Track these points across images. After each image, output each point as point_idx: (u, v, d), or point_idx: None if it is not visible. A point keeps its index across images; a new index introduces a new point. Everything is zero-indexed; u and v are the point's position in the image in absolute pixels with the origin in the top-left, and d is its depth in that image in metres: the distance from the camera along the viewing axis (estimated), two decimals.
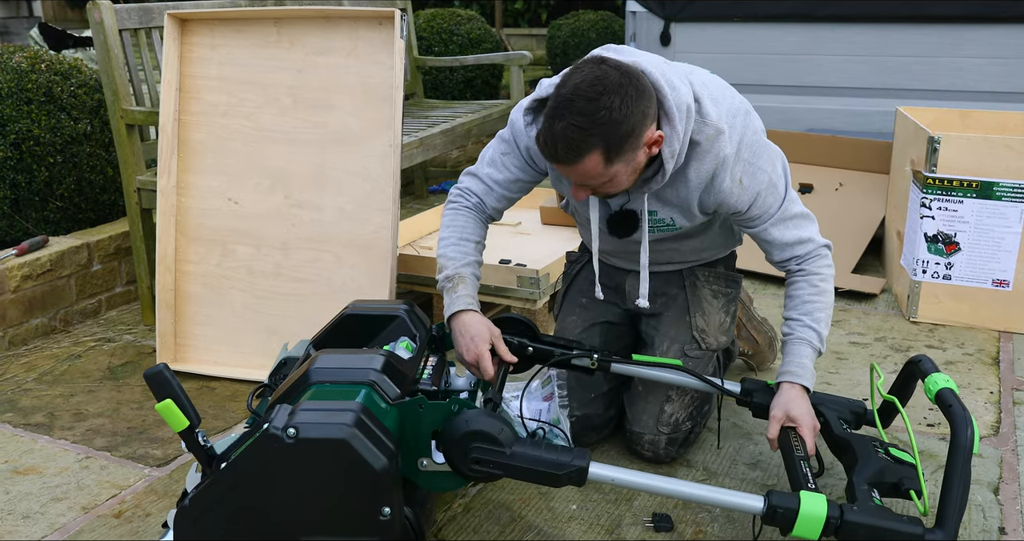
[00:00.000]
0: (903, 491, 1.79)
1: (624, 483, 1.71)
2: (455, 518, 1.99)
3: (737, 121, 1.89)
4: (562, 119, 1.69)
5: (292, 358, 1.97)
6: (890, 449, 1.88)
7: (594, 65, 1.73)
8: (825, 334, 2.00)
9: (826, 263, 2.01)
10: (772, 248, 2.01)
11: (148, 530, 1.98)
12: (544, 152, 1.76)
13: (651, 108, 1.74)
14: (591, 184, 1.80)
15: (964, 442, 1.70)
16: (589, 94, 1.67)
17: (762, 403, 2.03)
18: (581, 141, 1.69)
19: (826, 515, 1.62)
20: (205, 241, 2.74)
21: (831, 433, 1.97)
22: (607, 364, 2.08)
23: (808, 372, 1.97)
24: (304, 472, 1.54)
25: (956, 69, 4.10)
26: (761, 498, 1.66)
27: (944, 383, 1.85)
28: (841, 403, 2.06)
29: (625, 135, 1.70)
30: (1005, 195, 2.84)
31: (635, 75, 1.72)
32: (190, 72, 2.73)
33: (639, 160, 1.78)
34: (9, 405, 2.56)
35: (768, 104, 4.46)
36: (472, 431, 1.65)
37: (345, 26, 2.62)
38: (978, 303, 2.95)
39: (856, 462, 1.82)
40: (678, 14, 4.50)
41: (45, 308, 3.05)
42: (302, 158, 2.66)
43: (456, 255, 2.05)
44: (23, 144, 3.11)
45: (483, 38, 6.14)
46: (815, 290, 2.00)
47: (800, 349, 1.99)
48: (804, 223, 2.00)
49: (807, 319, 1.99)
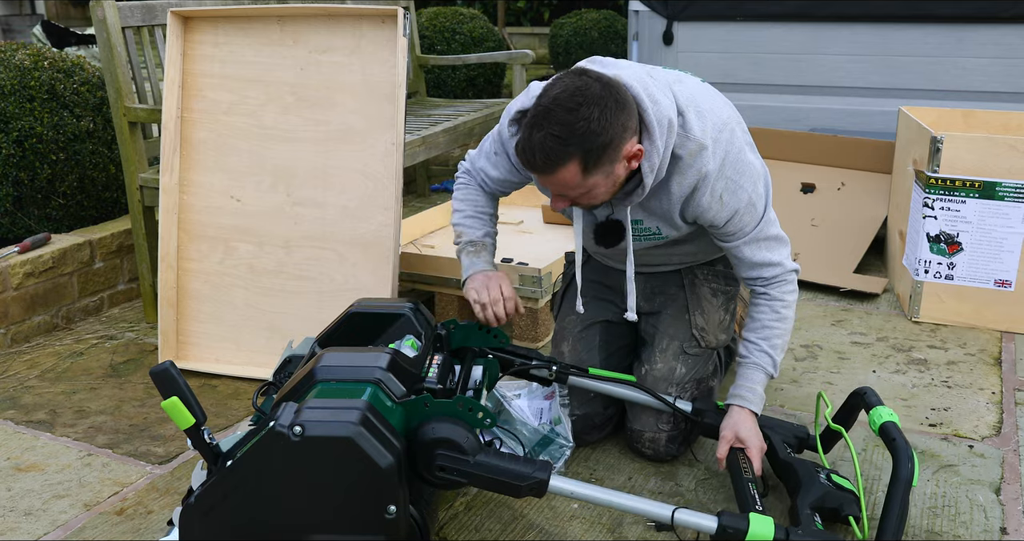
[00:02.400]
0: (843, 517, 1.86)
1: (583, 497, 1.74)
2: (457, 516, 1.99)
3: (723, 136, 1.88)
4: (541, 129, 1.70)
5: (297, 356, 1.97)
6: (831, 475, 1.94)
7: (575, 76, 1.74)
8: (779, 360, 2.05)
9: (790, 289, 2.03)
10: (741, 265, 2.03)
11: (150, 527, 1.98)
12: (522, 161, 1.77)
13: (631, 121, 1.74)
14: (569, 195, 1.82)
15: (904, 475, 1.77)
16: (568, 105, 1.68)
17: (711, 423, 2.09)
18: (559, 151, 1.70)
19: (773, 537, 1.69)
20: (207, 239, 2.74)
21: (776, 457, 2.03)
22: (564, 376, 2.12)
23: (758, 397, 2.03)
24: (310, 470, 1.54)
25: (959, 69, 4.10)
26: (715, 518, 1.72)
27: (888, 416, 1.92)
28: (786, 427, 2.11)
29: (603, 146, 1.71)
30: (1008, 195, 2.84)
31: (616, 88, 1.73)
32: (193, 70, 2.73)
33: (618, 173, 1.79)
34: (11, 402, 2.56)
35: (770, 103, 4.47)
36: (438, 438, 1.67)
37: (348, 24, 2.62)
38: (980, 303, 2.96)
39: (800, 487, 1.89)
40: (681, 13, 4.50)
41: (47, 305, 3.05)
42: (305, 156, 2.66)
43: (475, 225, 2.18)
44: (26, 141, 3.11)
45: (485, 37, 6.14)
46: (776, 316, 2.02)
47: (753, 374, 2.03)
48: (776, 246, 2.01)
49: (764, 344, 2.03)
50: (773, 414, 2.42)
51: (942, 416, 2.41)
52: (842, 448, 2.19)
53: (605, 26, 7.45)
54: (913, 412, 2.43)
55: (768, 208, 1.98)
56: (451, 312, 2.92)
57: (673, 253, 2.17)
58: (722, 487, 2.09)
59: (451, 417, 1.69)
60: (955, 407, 2.46)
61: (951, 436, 2.31)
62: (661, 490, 2.09)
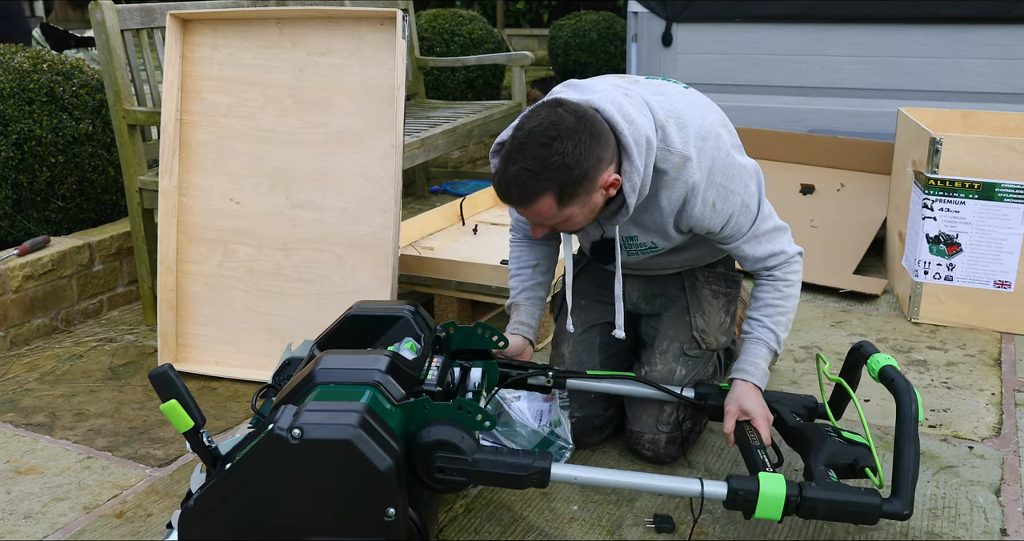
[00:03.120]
0: (858, 470, 1.85)
1: (586, 481, 1.74)
2: (456, 519, 1.99)
3: (707, 144, 1.87)
4: (515, 163, 1.73)
5: (296, 358, 1.97)
6: (843, 433, 1.94)
7: (550, 109, 1.75)
8: (783, 337, 2.04)
9: (795, 269, 2.05)
10: (745, 261, 2.05)
11: (149, 530, 1.98)
12: (499, 194, 1.80)
13: (606, 152, 1.76)
14: (546, 224, 1.84)
15: (909, 412, 1.77)
16: (542, 139, 1.70)
17: (717, 405, 2.09)
18: (533, 185, 1.72)
19: (786, 493, 1.67)
20: (207, 241, 2.74)
21: (785, 426, 2.03)
22: (563, 380, 2.12)
23: (760, 371, 2.02)
24: (309, 473, 1.54)
25: (958, 70, 4.10)
26: (724, 484, 1.71)
27: (885, 361, 1.92)
28: (792, 398, 2.12)
29: (578, 180, 1.73)
30: (1007, 196, 2.84)
31: (590, 119, 1.74)
32: (192, 72, 2.73)
33: (595, 201, 1.81)
34: (10, 405, 2.56)
35: (770, 105, 4.47)
36: (434, 441, 1.67)
37: (347, 26, 2.62)
38: (980, 304, 2.96)
39: (811, 447, 1.89)
40: (680, 14, 4.50)
41: (47, 308, 3.05)
42: (303, 158, 2.66)
43: (515, 284, 2.27)
44: (25, 144, 3.11)
45: (485, 38, 6.14)
46: (780, 295, 2.03)
47: (755, 348, 2.03)
48: (777, 236, 2.02)
49: (767, 321, 2.03)
50: None
51: (942, 417, 2.41)
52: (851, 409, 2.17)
53: (604, 27, 7.44)
54: None
55: (762, 204, 1.98)
56: (450, 314, 2.92)
57: (674, 260, 2.17)
58: None
59: (446, 420, 1.69)
60: (955, 408, 2.46)
61: (951, 437, 2.31)
62: None
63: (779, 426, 2.04)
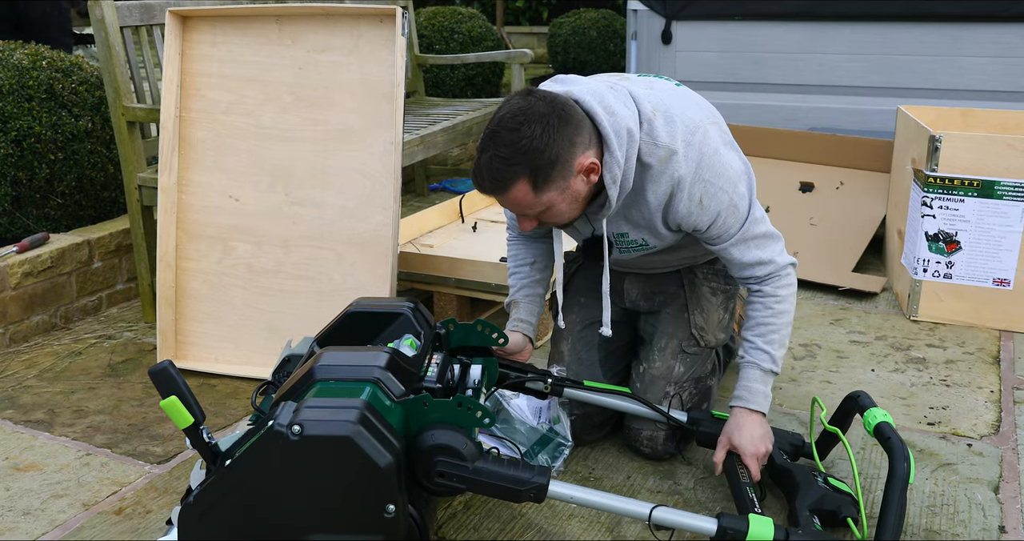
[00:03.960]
0: (841, 519, 1.87)
1: (583, 502, 1.74)
2: (455, 516, 1.99)
3: (695, 139, 1.86)
4: (487, 151, 1.74)
5: (296, 355, 1.97)
6: (828, 479, 1.95)
7: (521, 97, 1.76)
8: (779, 354, 2.01)
9: (785, 283, 2.00)
10: (732, 266, 2.01)
11: (148, 527, 1.98)
12: (476, 185, 1.80)
13: (579, 136, 1.75)
14: (529, 214, 1.84)
15: (901, 473, 1.78)
16: (511, 125, 1.71)
17: (709, 432, 2.09)
18: (505, 171, 1.73)
19: (773, 537, 1.69)
20: (206, 238, 2.74)
21: (772, 463, 2.03)
22: (560, 388, 2.12)
23: (757, 395, 2.00)
24: (308, 469, 1.54)
25: (957, 68, 4.10)
26: (714, 520, 1.72)
27: (882, 417, 1.92)
28: (781, 436, 2.12)
29: (549, 163, 1.72)
30: (1006, 194, 2.84)
31: (562, 104, 1.74)
32: (191, 69, 2.73)
33: (576, 188, 1.79)
34: (9, 402, 2.56)
35: (769, 102, 4.47)
36: (436, 445, 1.67)
37: (346, 24, 2.61)
38: (979, 302, 2.96)
39: (797, 490, 1.90)
40: (679, 12, 4.50)
41: (46, 305, 3.05)
42: (303, 155, 2.66)
43: (513, 282, 2.28)
44: (24, 141, 3.11)
45: (484, 36, 6.13)
46: (770, 312, 1.99)
47: (750, 372, 2.01)
48: (766, 243, 1.97)
49: (760, 341, 2.00)
50: (772, 414, 2.42)
51: (940, 415, 2.42)
52: (840, 450, 2.19)
53: (604, 25, 7.44)
54: (912, 411, 2.43)
55: (753, 207, 1.95)
56: (450, 311, 2.92)
57: (670, 259, 2.17)
58: (720, 486, 2.09)
59: (450, 423, 1.69)
60: (953, 406, 2.46)
61: (950, 435, 2.31)
62: (660, 489, 2.09)
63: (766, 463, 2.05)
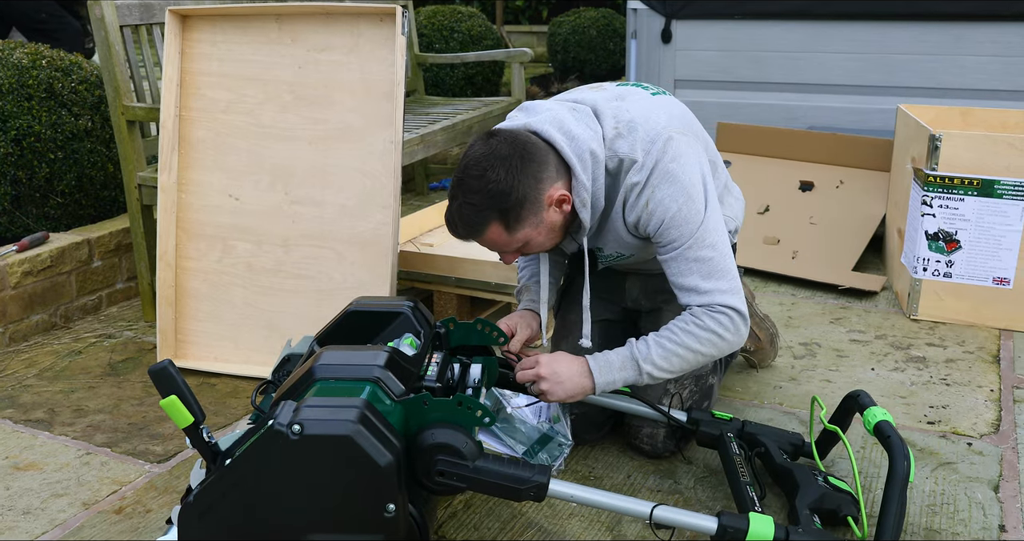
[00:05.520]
0: (841, 517, 1.88)
1: (583, 501, 1.74)
2: (456, 515, 1.99)
3: (655, 147, 1.84)
4: (456, 199, 1.79)
5: (296, 354, 1.97)
6: (828, 478, 1.95)
7: (483, 141, 1.80)
8: (656, 366, 1.87)
9: (721, 321, 1.84)
10: (673, 286, 1.90)
11: (148, 526, 1.98)
12: (450, 232, 1.84)
13: (544, 172, 1.78)
14: (509, 251, 1.87)
15: (901, 472, 1.78)
16: (474, 172, 1.76)
17: (709, 432, 2.10)
18: (475, 217, 1.78)
19: (773, 536, 1.69)
20: (206, 237, 2.74)
21: (772, 462, 2.04)
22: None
23: (609, 363, 1.89)
24: (308, 468, 1.54)
25: (957, 67, 4.10)
26: (715, 519, 1.72)
27: (882, 416, 1.92)
28: (780, 434, 2.13)
29: (517, 203, 1.76)
30: (1006, 193, 2.84)
31: (523, 143, 1.78)
32: (191, 68, 2.73)
33: (550, 220, 1.83)
34: (9, 401, 2.56)
35: (769, 101, 4.47)
36: (437, 443, 1.67)
37: (346, 23, 2.61)
38: (979, 301, 2.96)
39: (797, 489, 1.90)
40: (679, 11, 4.50)
41: (45, 304, 3.05)
42: (303, 154, 2.66)
43: (523, 274, 2.26)
44: (24, 140, 3.11)
45: (484, 35, 6.13)
46: (684, 327, 1.87)
47: (622, 349, 1.91)
48: (711, 272, 1.85)
49: (654, 337, 1.89)
50: (772, 413, 2.42)
51: (940, 414, 2.42)
52: (840, 449, 2.19)
53: (603, 24, 7.44)
54: (912, 410, 2.43)
55: (707, 229, 1.85)
56: (450, 310, 2.92)
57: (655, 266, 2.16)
58: (721, 485, 2.09)
59: (450, 422, 1.69)
60: (953, 405, 2.46)
61: (949, 434, 2.31)
62: (660, 488, 2.09)
63: (766, 462, 2.07)
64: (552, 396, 1.91)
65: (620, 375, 1.90)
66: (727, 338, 1.87)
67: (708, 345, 1.87)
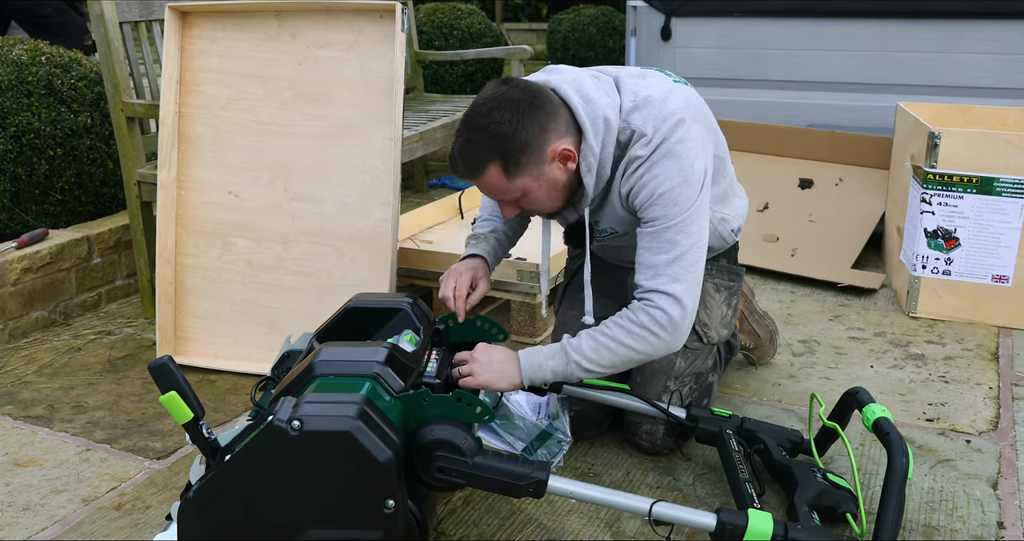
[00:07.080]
0: (840, 514, 1.88)
1: (583, 497, 1.74)
2: (455, 511, 2.00)
3: (665, 126, 1.84)
4: (460, 137, 1.80)
5: (295, 351, 1.97)
6: (827, 475, 1.96)
7: (496, 85, 1.81)
8: (588, 355, 1.84)
9: (657, 321, 1.81)
10: (636, 264, 1.88)
11: (148, 522, 1.98)
12: (452, 170, 1.85)
13: (552, 122, 1.78)
14: (507, 199, 1.87)
15: (899, 468, 1.78)
16: (482, 111, 1.77)
17: (708, 429, 2.10)
18: (475, 156, 1.78)
19: (772, 532, 1.69)
20: (205, 234, 2.74)
21: (771, 459, 2.04)
22: (559, 385, 2.12)
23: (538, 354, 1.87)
24: (308, 464, 1.54)
25: (957, 65, 4.10)
26: (713, 515, 1.72)
27: (880, 412, 1.92)
28: (779, 431, 2.13)
29: (518, 147, 1.76)
30: (1005, 191, 2.84)
31: (535, 91, 1.78)
32: (190, 65, 2.73)
33: (551, 175, 1.82)
34: (9, 398, 2.56)
35: (768, 99, 4.46)
36: (437, 439, 1.68)
37: (346, 19, 2.61)
38: (978, 299, 2.96)
39: (796, 486, 1.91)
40: (679, 9, 4.50)
41: (45, 301, 3.05)
42: (302, 151, 2.65)
43: (483, 225, 2.26)
44: (23, 137, 3.11)
45: (483, 32, 6.13)
46: (621, 323, 1.84)
47: (556, 344, 1.90)
48: (676, 260, 1.82)
49: (585, 333, 1.87)
50: (771, 410, 2.42)
51: (939, 411, 2.42)
52: (839, 446, 2.20)
53: (603, 22, 7.43)
54: (910, 407, 2.44)
55: (692, 217, 1.83)
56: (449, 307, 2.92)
57: None
58: (720, 481, 2.10)
59: (449, 419, 1.69)
60: (952, 402, 2.47)
61: (948, 431, 2.32)
62: (659, 484, 2.09)
63: (765, 459, 2.07)
64: (470, 380, 1.86)
65: (548, 363, 1.87)
66: (661, 336, 1.83)
67: (640, 341, 1.84)
